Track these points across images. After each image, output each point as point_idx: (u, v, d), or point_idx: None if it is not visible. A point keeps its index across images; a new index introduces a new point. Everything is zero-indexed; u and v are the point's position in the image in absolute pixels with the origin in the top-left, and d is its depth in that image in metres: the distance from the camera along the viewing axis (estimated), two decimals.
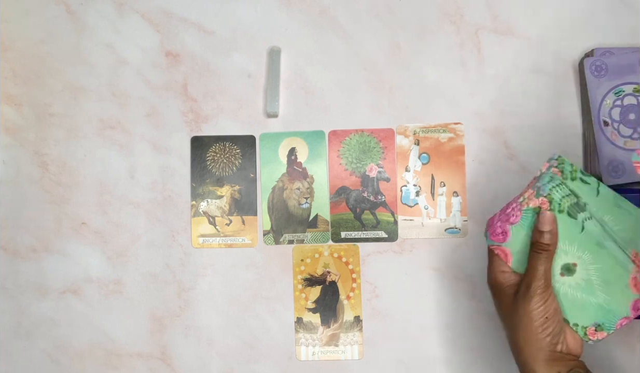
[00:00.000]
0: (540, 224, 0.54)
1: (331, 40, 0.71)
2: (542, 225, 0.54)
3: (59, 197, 0.71)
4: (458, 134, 0.69)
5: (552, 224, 0.54)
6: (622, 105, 0.66)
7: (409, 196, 0.70)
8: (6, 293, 0.71)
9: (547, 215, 0.54)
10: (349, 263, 0.70)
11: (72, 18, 0.72)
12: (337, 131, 0.70)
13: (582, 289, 0.55)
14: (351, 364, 0.69)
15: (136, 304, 0.70)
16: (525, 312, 0.53)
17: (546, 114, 0.69)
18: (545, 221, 0.54)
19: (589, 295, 0.55)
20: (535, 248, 0.54)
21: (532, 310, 0.53)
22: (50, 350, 0.70)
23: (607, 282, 0.54)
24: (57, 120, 0.71)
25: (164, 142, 0.71)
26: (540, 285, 0.53)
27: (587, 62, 0.66)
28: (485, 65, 0.70)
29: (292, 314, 0.70)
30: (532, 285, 0.53)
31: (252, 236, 0.70)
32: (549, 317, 0.53)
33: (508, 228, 0.55)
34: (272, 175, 0.70)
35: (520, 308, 0.53)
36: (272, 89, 0.70)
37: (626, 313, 0.54)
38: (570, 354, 0.54)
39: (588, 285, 0.54)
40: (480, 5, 0.70)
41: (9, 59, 0.72)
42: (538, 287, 0.53)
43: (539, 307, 0.53)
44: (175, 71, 0.71)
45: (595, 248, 0.54)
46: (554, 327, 0.53)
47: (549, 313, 0.53)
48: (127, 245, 0.71)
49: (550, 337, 0.53)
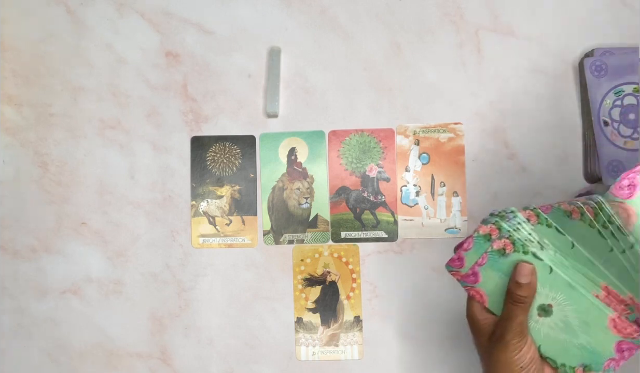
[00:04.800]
0: (517, 275, 0.51)
1: (331, 40, 0.71)
2: (519, 277, 0.51)
3: (59, 197, 0.71)
4: (458, 134, 0.69)
5: (531, 276, 0.51)
6: (622, 105, 0.66)
7: (409, 196, 0.70)
8: (6, 293, 0.71)
9: (526, 266, 0.51)
10: (349, 263, 0.70)
11: (72, 18, 0.72)
12: (337, 131, 0.70)
13: (563, 330, 0.53)
14: (351, 364, 0.69)
15: (136, 304, 0.70)
16: (500, 360, 0.51)
17: (546, 114, 0.69)
18: (523, 273, 0.51)
19: (571, 336, 0.53)
20: (512, 299, 0.52)
21: (507, 359, 0.51)
22: (50, 350, 0.70)
23: (585, 323, 0.52)
24: (57, 120, 0.71)
25: (164, 142, 0.71)
26: (514, 335, 0.51)
27: (587, 62, 0.66)
28: (485, 65, 0.70)
29: (292, 314, 0.70)
30: (506, 336, 0.51)
31: (252, 236, 0.70)
32: (524, 366, 0.51)
33: (463, 255, 0.54)
34: (272, 175, 0.70)
35: (495, 356, 0.52)
36: (272, 89, 0.70)
37: (611, 354, 0.52)
38: None
39: (567, 326, 0.52)
40: (480, 5, 0.70)
41: (9, 59, 0.72)
42: (513, 338, 0.51)
43: (514, 356, 0.51)
44: (175, 71, 0.71)
45: (567, 289, 0.52)
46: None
47: (524, 363, 0.51)
48: (127, 245, 0.71)
49: None
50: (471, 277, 0.54)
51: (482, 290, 0.54)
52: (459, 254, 0.54)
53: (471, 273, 0.54)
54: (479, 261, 0.53)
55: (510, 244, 0.52)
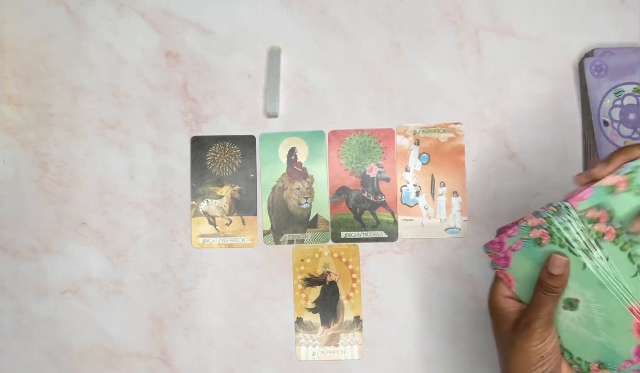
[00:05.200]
0: (551, 266, 0.51)
1: (331, 40, 0.71)
2: (553, 268, 0.51)
3: (59, 197, 0.71)
4: (458, 134, 0.69)
5: (564, 268, 0.51)
6: (622, 105, 0.66)
7: (409, 196, 0.70)
8: (6, 293, 0.71)
9: (560, 258, 0.50)
10: (349, 263, 0.70)
11: (72, 18, 0.72)
12: (337, 131, 0.70)
13: (585, 326, 0.53)
14: (351, 364, 0.69)
15: (136, 304, 0.70)
16: (522, 348, 0.51)
17: (546, 114, 0.69)
18: (557, 264, 0.50)
19: (591, 333, 0.52)
20: (542, 288, 0.51)
21: (529, 347, 0.51)
22: (50, 350, 0.70)
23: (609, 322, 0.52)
24: (57, 120, 0.71)
25: (164, 142, 0.71)
26: (541, 325, 0.51)
27: (587, 62, 0.66)
28: (485, 65, 0.70)
29: (292, 314, 0.70)
30: (532, 324, 0.51)
31: (252, 236, 0.70)
32: (545, 356, 0.51)
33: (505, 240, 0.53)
34: (272, 175, 0.70)
35: (518, 343, 0.51)
36: (272, 89, 0.70)
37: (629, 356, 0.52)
38: None
39: (590, 322, 0.52)
40: (480, 5, 0.70)
41: (9, 59, 0.72)
42: (539, 326, 0.51)
43: (537, 345, 0.51)
44: (175, 71, 0.71)
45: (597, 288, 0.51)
46: (549, 365, 0.51)
47: (546, 352, 0.51)
48: (127, 245, 0.71)
49: None
50: (502, 261, 0.54)
51: (510, 275, 0.54)
52: (501, 238, 0.54)
53: (503, 256, 0.54)
54: (513, 246, 0.53)
55: (548, 235, 0.51)
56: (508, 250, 0.53)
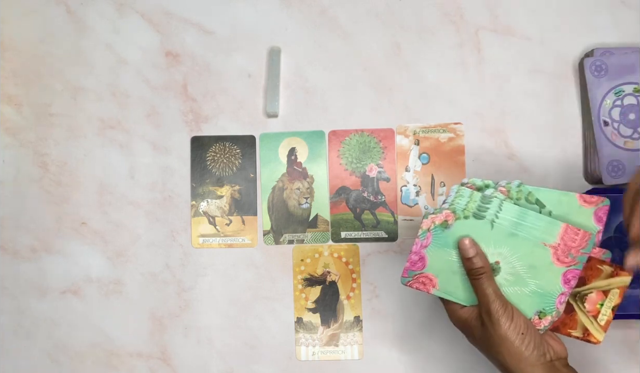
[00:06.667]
0: (463, 252, 0.53)
1: (331, 40, 0.71)
2: (466, 253, 0.53)
3: (59, 197, 0.71)
4: (458, 134, 0.69)
5: (474, 247, 0.53)
6: (622, 105, 0.66)
7: (409, 196, 0.70)
8: (6, 293, 0.71)
9: (465, 242, 0.53)
10: (349, 263, 0.70)
11: (72, 18, 0.72)
12: (337, 131, 0.70)
13: (513, 283, 0.54)
14: (351, 364, 0.69)
15: (136, 304, 0.70)
16: (500, 336, 0.52)
17: (546, 114, 0.69)
18: (466, 247, 0.53)
19: (521, 287, 0.54)
20: (472, 275, 0.53)
21: (505, 332, 0.52)
22: (50, 350, 0.70)
23: (532, 266, 0.53)
24: (57, 120, 0.71)
25: (164, 142, 0.71)
26: (498, 306, 0.52)
27: (587, 62, 0.66)
28: (485, 65, 0.70)
29: (292, 314, 0.70)
30: (491, 310, 0.52)
31: (252, 236, 0.70)
32: (524, 332, 0.52)
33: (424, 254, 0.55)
34: (272, 175, 0.70)
35: (494, 336, 0.52)
36: (272, 89, 0.70)
37: (560, 289, 0.53)
38: (560, 358, 0.53)
39: (516, 277, 0.54)
40: (480, 5, 0.70)
41: (9, 59, 0.72)
42: (498, 308, 0.52)
43: (509, 326, 0.52)
44: (175, 71, 0.71)
45: (509, 239, 0.53)
46: (533, 338, 0.52)
47: (522, 328, 0.52)
48: (127, 245, 0.71)
49: (535, 350, 0.52)
50: (419, 264, 0.55)
51: (430, 274, 0.56)
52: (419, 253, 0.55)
53: (418, 259, 0.55)
54: (423, 243, 0.55)
55: (451, 213, 0.54)
56: (420, 250, 0.55)
